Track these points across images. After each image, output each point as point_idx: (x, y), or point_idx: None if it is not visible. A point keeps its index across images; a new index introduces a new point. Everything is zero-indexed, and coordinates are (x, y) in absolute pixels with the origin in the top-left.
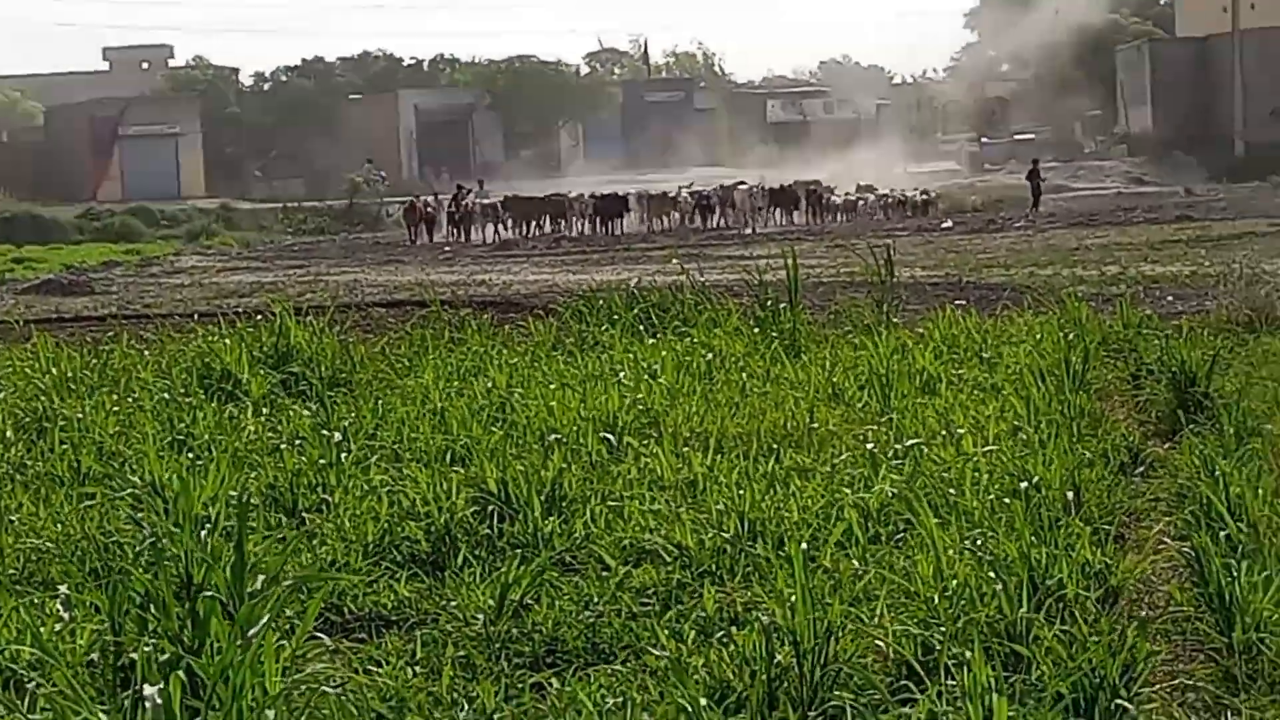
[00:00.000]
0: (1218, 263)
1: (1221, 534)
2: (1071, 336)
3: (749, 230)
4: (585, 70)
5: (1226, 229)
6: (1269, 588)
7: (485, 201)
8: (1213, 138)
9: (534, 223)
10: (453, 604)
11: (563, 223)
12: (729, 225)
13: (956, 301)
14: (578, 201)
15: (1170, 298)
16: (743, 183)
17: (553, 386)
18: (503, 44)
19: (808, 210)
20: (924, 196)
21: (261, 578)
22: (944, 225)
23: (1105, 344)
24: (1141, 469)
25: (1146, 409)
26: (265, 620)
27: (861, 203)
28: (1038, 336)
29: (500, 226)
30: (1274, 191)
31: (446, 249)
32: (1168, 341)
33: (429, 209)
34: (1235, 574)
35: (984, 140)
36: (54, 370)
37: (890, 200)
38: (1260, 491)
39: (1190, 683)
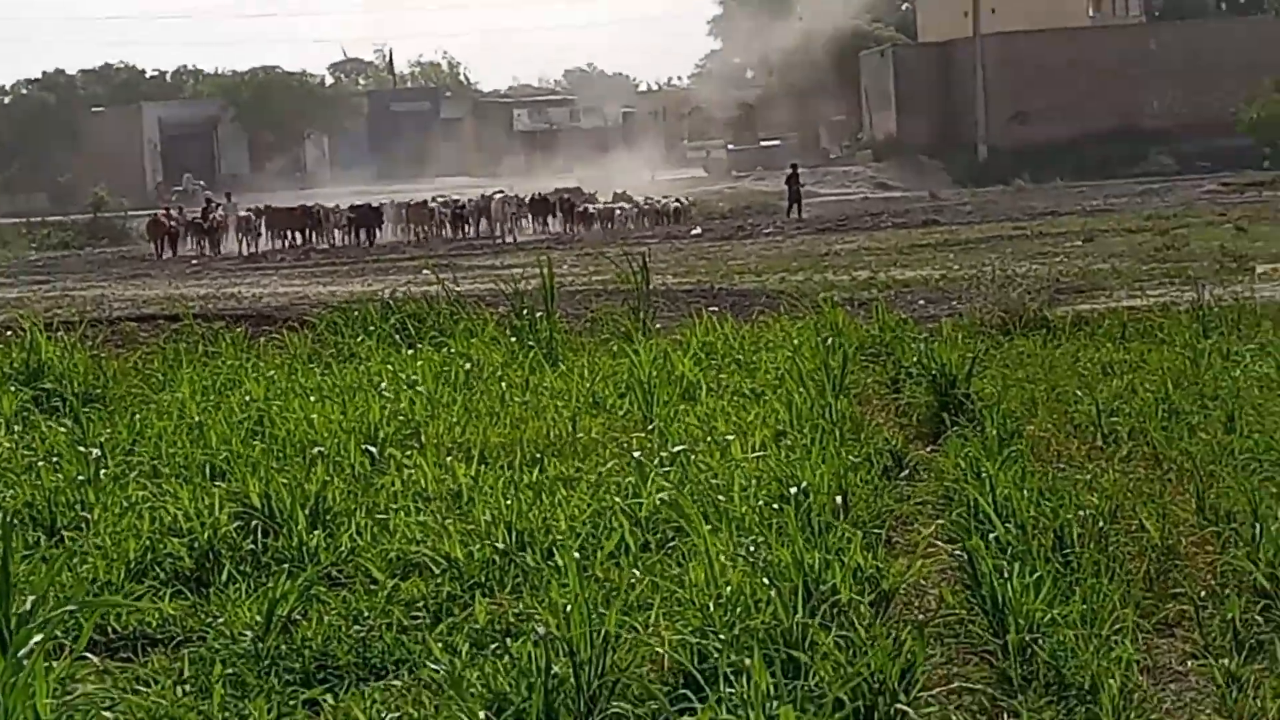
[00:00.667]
0: (967, 266)
1: (990, 536)
2: (829, 341)
3: (506, 240)
4: (330, 80)
5: (973, 233)
6: (1040, 589)
7: (241, 213)
8: (957, 142)
9: (290, 234)
10: (219, 621)
11: (315, 234)
12: (486, 235)
13: (711, 308)
14: (333, 212)
15: (922, 301)
16: (500, 192)
17: (312, 399)
18: (247, 54)
19: (564, 219)
20: (677, 204)
21: (31, 599)
22: (694, 232)
23: (863, 348)
24: (906, 472)
25: (908, 412)
26: (37, 642)
27: (619, 211)
28: (796, 342)
29: (254, 239)
30: (1017, 195)
31: (194, 262)
32: (926, 345)
33: (173, 222)
34: (1006, 576)
35: (731, 147)
36: None
37: (647, 208)
38: (1026, 492)
39: (967, 685)
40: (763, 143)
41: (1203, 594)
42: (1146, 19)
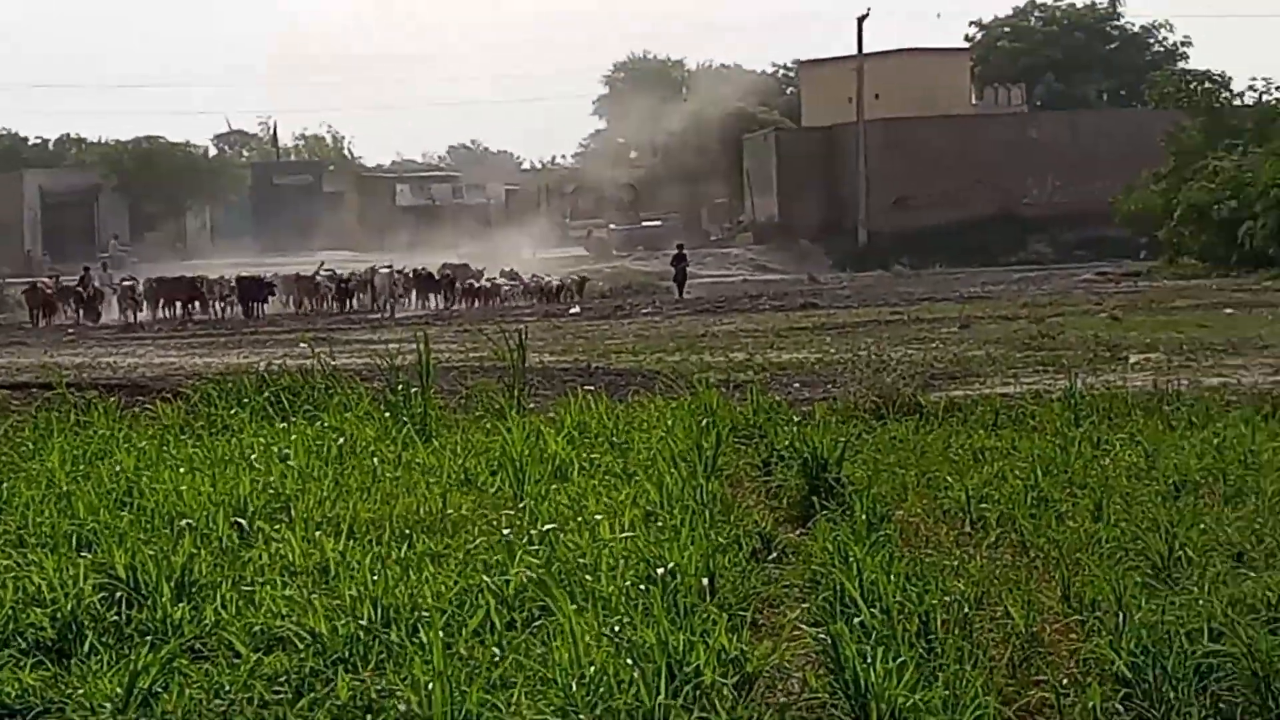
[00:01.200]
0: (843, 350)
1: (855, 620)
2: (703, 422)
3: (388, 315)
4: (214, 152)
5: (851, 316)
6: (903, 674)
7: (127, 283)
8: (837, 226)
9: (174, 305)
10: (79, 692)
11: (197, 305)
12: (371, 308)
13: (586, 387)
14: (218, 284)
15: (798, 384)
16: (387, 266)
17: (182, 470)
18: (131, 124)
19: (447, 295)
20: (572, 280)
21: None
22: (572, 311)
23: (736, 430)
24: (775, 555)
25: (779, 495)
26: None
27: (507, 288)
28: (669, 422)
29: (135, 309)
30: (896, 280)
31: (70, 331)
32: (798, 428)
33: (49, 291)
34: (870, 660)
35: (613, 226)
36: None
37: (533, 285)
38: (893, 577)
39: None
40: (645, 223)
41: (1065, 682)
42: (1028, 108)
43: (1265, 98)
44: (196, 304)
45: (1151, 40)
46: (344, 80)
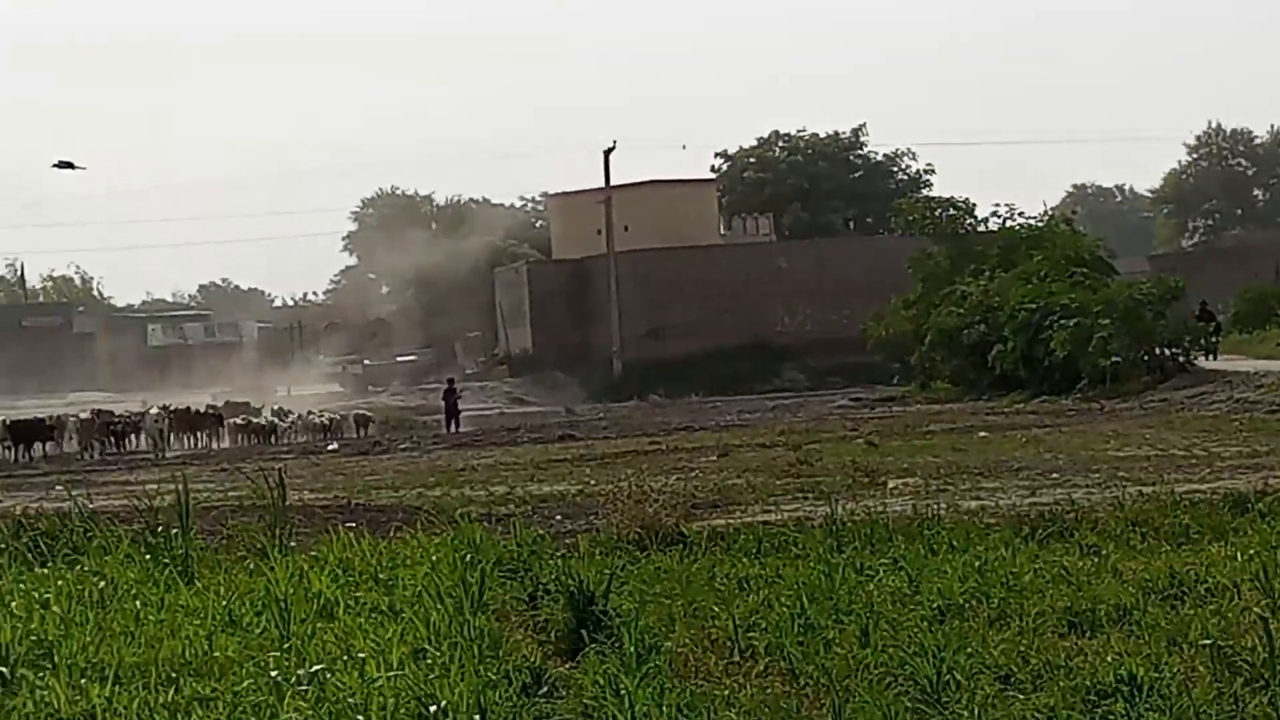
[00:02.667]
0: (604, 481)
1: None
2: (467, 558)
3: (163, 454)
4: None
5: (610, 447)
6: None
7: None
8: (591, 357)
9: None
10: None
11: None
12: (138, 448)
13: (348, 524)
14: None
15: (560, 516)
16: (165, 405)
17: None
18: None
19: (214, 433)
20: (340, 417)
21: None
22: (331, 447)
23: (501, 564)
24: (546, 689)
25: (546, 628)
26: None
27: (281, 425)
28: (434, 558)
29: None
30: (653, 410)
31: None
32: (563, 561)
33: None
34: None
35: (367, 362)
36: None
37: (312, 422)
38: (665, 709)
39: None
40: (399, 358)
41: None
42: (776, 238)
43: (1009, 223)
44: None
45: (895, 169)
46: (93, 222)
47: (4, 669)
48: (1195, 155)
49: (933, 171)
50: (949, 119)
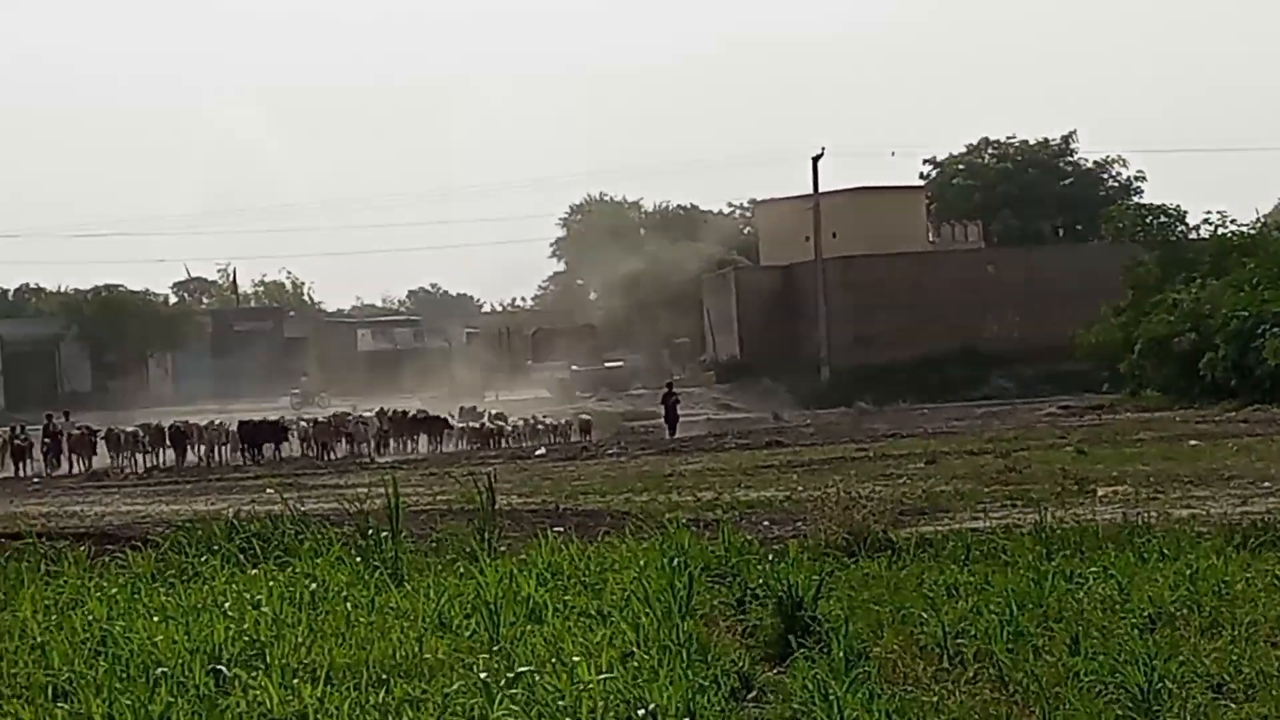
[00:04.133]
0: (812, 487)
1: None
2: (675, 562)
3: (377, 459)
4: (174, 299)
5: (817, 454)
6: None
7: (128, 429)
8: (799, 363)
9: (159, 453)
10: None
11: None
12: (353, 454)
13: (556, 528)
14: (207, 430)
15: (767, 522)
16: (374, 409)
17: (156, 619)
18: (90, 273)
19: (433, 437)
20: (582, 419)
21: None
22: (539, 452)
23: (709, 569)
24: (754, 694)
25: (755, 634)
26: None
27: (506, 429)
28: (641, 563)
29: (89, 457)
30: (860, 417)
31: (35, 481)
32: (772, 566)
33: (19, 441)
34: None
35: (574, 368)
36: None
37: (540, 427)
38: (874, 714)
39: None
40: (607, 364)
41: None
42: (985, 245)
43: (1220, 230)
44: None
45: (1105, 175)
46: (304, 228)
47: (221, 668)
48: None
49: (1144, 178)
50: (1161, 126)
